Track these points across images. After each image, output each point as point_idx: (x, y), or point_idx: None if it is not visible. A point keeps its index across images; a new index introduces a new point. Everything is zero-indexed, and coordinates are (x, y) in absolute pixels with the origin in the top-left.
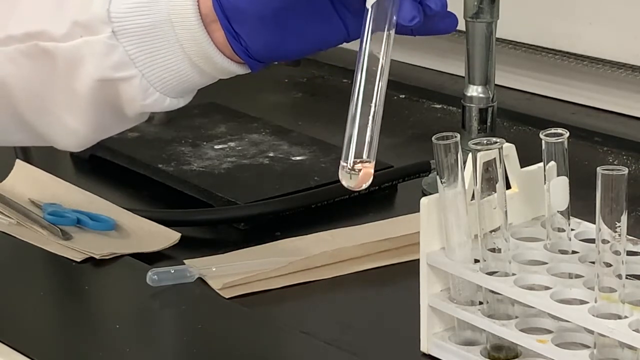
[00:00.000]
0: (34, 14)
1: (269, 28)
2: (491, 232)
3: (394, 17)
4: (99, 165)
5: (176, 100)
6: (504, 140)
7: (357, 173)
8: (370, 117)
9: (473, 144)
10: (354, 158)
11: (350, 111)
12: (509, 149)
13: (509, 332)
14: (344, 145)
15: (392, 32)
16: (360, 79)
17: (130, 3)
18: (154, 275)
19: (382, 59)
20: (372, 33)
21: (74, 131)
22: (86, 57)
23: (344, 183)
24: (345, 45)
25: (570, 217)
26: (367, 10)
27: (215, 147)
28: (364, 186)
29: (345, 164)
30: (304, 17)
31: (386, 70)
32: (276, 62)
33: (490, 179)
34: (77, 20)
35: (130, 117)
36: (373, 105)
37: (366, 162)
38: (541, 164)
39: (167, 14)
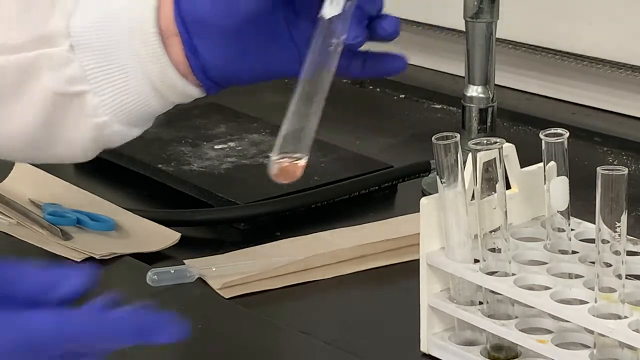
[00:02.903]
0: None
1: (228, 44)
2: (491, 232)
3: (342, 36)
4: (99, 165)
5: (127, 128)
6: (504, 140)
7: (282, 165)
8: (309, 119)
9: (473, 144)
10: (281, 152)
11: (290, 110)
12: (509, 149)
13: (509, 332)
14: (278, 138)
15: (340, 47)
16: (303, 84)
17: (90, 18)
18: (154, 275)
19: (325, 72)
20: (320, 42)
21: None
22: (43, 68)
23: (272, 175)
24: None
25: (570, 217)
26: (319, 22)
27: (215, 147)
28: (290, 180)
29: (276, 156)
30: (261, 39)
31: (328, 85)
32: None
33: (490, 179)
34: (37, 33)
35: (79, 140)
36: (312, 112)
37: (294, 157)
38: (541, 164)
39: (126, 29)
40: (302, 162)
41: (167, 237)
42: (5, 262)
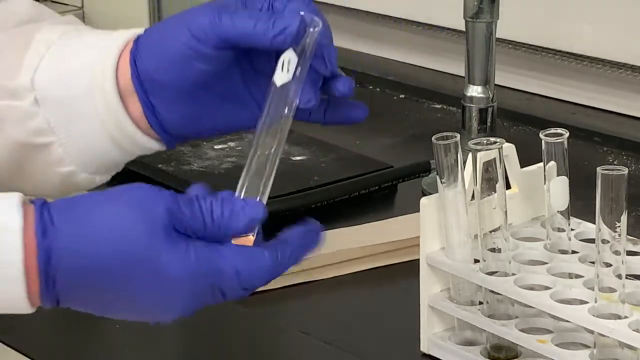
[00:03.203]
0: None
1: (185, 102)
2: (491, 232)
3: (296, 100)
4: None
5: (92, 176)
6: (504, 140)
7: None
8: (261, 187)
9: (473, 144)
10: None
11: (242, 179)
12: (509, 149)
13: (509, 332)
14: None
15: (292, 113)
16: (255, 150)
17: (54, 73)
18: None
19: (275, 144)
20: (272, 110)
21: None
22: (8, 119)
23: None
24: (346, 45)
25: (570, 217)
26: (271, 88)
27: (215, 147)
28: None
29: None
30: (219, 96)
31: (278, 153)
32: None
33: (490, 179)
34: (3, 85)
35: (48, 184)
36: (264, 179)
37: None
38: (541, 164)
39: (88, 85)
40: (250, 238)
41: None
42: (201, 194)
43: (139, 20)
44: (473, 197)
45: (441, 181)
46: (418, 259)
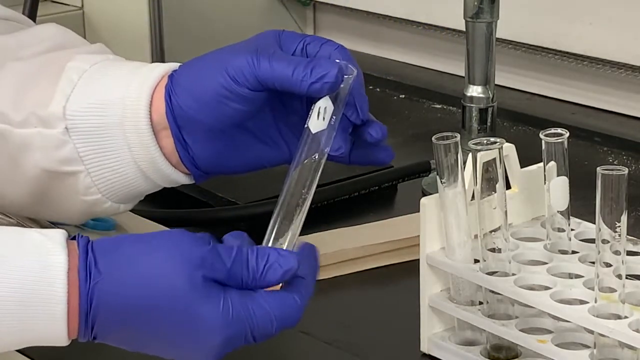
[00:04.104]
0: None
1: (217, 140)
2: (491, 232)
3: (327, 148)
4: None
5: (117, 205)
6: (504, 140)
7: None
8: (291, 230)
9: (473, 144)
10: None
11: (272, 221)
12: (509, 149)
13: (509, 332)
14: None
15: (323, 159)
16: (286, 195)
17: (86, 103)
18: None
19: (305, 189)
20: (304, 156)
21: (10, 204)
22: (37, 146)
23: None
24: (346, 45)
25: (570, 217)
26: (305, 134)
27: None
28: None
29: None
30: (251, 135)
31: (310, 197)
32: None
33: (490, 179)
34: (35, 112)
35: (71, 211)
36: (295, 223)
37: None
38: (541, 164)
39: (119, 117)
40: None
41: None
42: (238, 245)
43: (139, 20)
44: (473, 197)
45: (441, 181)
46: (418, 259)
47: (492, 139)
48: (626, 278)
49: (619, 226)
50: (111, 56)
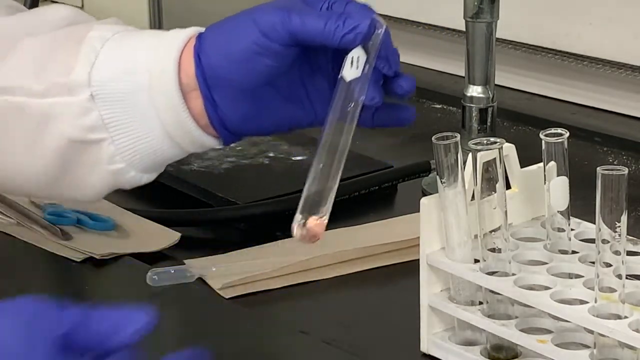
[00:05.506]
0: (16, 70)
1: (247, 100)
2: (491, 232)
3: (361, 97)
4: None
5: (140, 175)
6: (504, 140)
7: (307, 226)
8: (330, 180)
9: (473, 144)
10: (304, 213)
11: (312, 171)
12: (509, 149)
13: (509, 332)
14: (301, 200)
15: (358, 109)
16: (324, 145)
17: (112, 69)
18: (154, 275)
19: (342, 140)
20: (340, 104)
21: (25, 182)
22: (61, 115)
23: (295, 235)
24: None
25: (570, 217)
26: (339, 83)
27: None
28: (313, 241)
29: (299, 216)
30: (279, 94)
31: (345, 149)
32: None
33: (490, 179)
34: (58, 81)
35: (92, 183)
36: (332, 172)
37: (319, 218)
38: (541, 164)
39: (147, 81)
40: (324, 222)
41: (167, 237)
42: (74, 309)
43: (139, 20)
44: (473, 197)
45: (441, 181)
46: (418, 259)
47: (492, 139)
48: (626, 278)
49: (619, 226)
50: (130, 27)
